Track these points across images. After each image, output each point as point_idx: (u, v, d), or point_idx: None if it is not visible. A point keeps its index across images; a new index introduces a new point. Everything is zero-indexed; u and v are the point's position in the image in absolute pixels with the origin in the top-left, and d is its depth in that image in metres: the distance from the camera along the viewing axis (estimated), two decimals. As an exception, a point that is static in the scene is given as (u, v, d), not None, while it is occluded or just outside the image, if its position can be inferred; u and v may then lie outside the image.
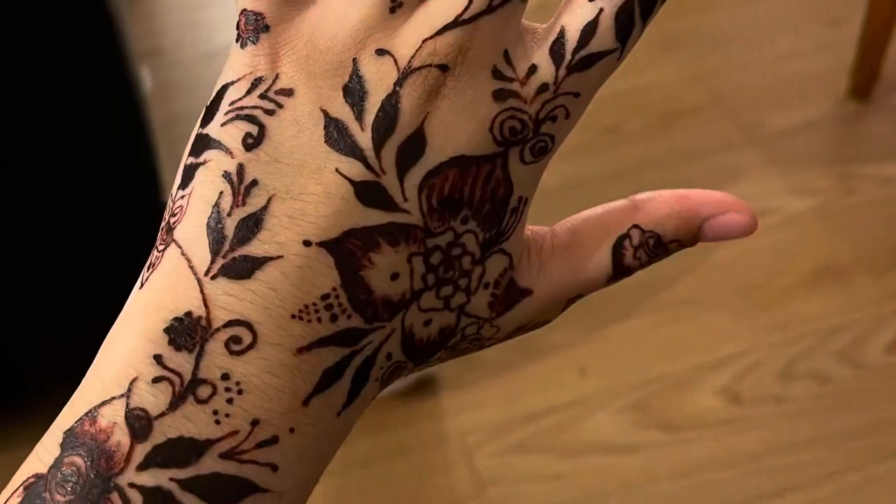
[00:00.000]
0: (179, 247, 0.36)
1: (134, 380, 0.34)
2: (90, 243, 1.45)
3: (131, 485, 0.33)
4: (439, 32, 0.36)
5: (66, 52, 1.28)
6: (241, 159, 0.36)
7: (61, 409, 0.36)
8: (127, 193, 1.44)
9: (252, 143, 0.36)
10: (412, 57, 0.36)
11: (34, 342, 1.55)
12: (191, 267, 0.35)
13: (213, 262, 0.35)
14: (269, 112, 0.36)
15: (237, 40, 0.38)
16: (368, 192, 0.35)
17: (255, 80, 0.37)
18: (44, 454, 0.34)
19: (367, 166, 0.35)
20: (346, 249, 0.35)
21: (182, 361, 0.34)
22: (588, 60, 0.37)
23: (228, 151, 0.36)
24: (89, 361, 0.36)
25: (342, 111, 0.36)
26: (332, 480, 1.55)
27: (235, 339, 0.34)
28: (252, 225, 0.35)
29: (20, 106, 1.30)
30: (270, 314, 0.35)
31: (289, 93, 0.36)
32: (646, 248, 0.41)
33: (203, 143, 0.37)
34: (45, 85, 1.29)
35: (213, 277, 0.35)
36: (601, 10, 0.37)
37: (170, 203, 0.38)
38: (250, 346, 0.34)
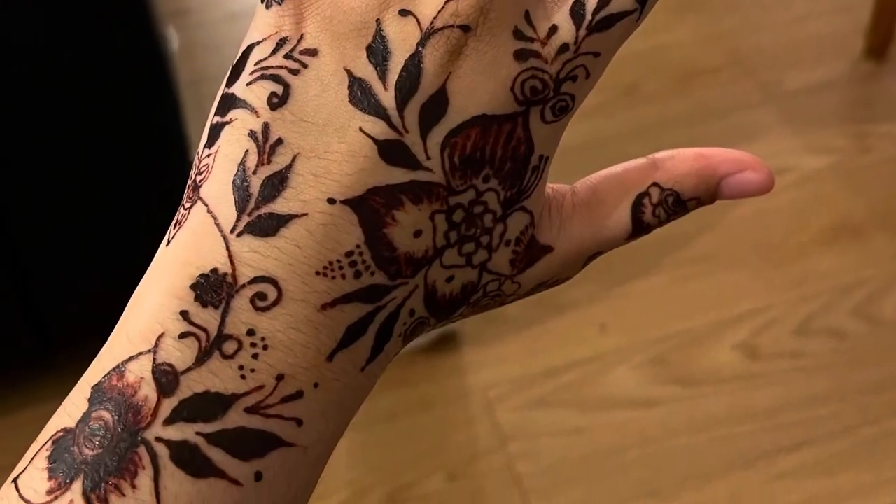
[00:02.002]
0: (205, 204, 0.36)
1: (161, 335, 0.34)
2: (118, 200, 1.46)
3: (158, 439, 0.33)
4: (461, -7, 0.36)
5: (94, 12, 1.28)
6: (267, 118, 0.36)
7: (89, 364, 0.36)
8: (154, 152, 1.44)
9: (277, 102, 0.36)
10: (435, 17, 0.36)
11: (63, 298, 1.55)
12: (217, 224, 0.35)
13: (238, 219, 0.35)
14: (294, 72, 0.36)
15: (262, 1, 0.38)
16: (392, 151, 0.36)
17: (280, 40, 0.37)
18: (72, 409, 0.35)
19: (391, 125, 0.36)
20: (369, 207, 0.35)
21: (208, 317, 0.34)
22: (608, 21, 0.37)
23: (254, 110, 0.36)
24: (117, 317, 0.37)
25: (366, 71, 0.36)
26: (355, 434, 1.55)
27: (261, 296, 0.35)
28: (277, 183, 0.35)
29: (46, 67, 1.30)
30: (295, 271, 0.35)
31: (313, 53, 0.37)
32: (665, 206, 0.42)
33: (229, 103, 0.37)
34: (73, 46, 1.29)
35: (238, 235, 0.35)
36: (621, -30, 0.37)
37: (196, 161, 0.38)
38: (275, 303, 0.35)
